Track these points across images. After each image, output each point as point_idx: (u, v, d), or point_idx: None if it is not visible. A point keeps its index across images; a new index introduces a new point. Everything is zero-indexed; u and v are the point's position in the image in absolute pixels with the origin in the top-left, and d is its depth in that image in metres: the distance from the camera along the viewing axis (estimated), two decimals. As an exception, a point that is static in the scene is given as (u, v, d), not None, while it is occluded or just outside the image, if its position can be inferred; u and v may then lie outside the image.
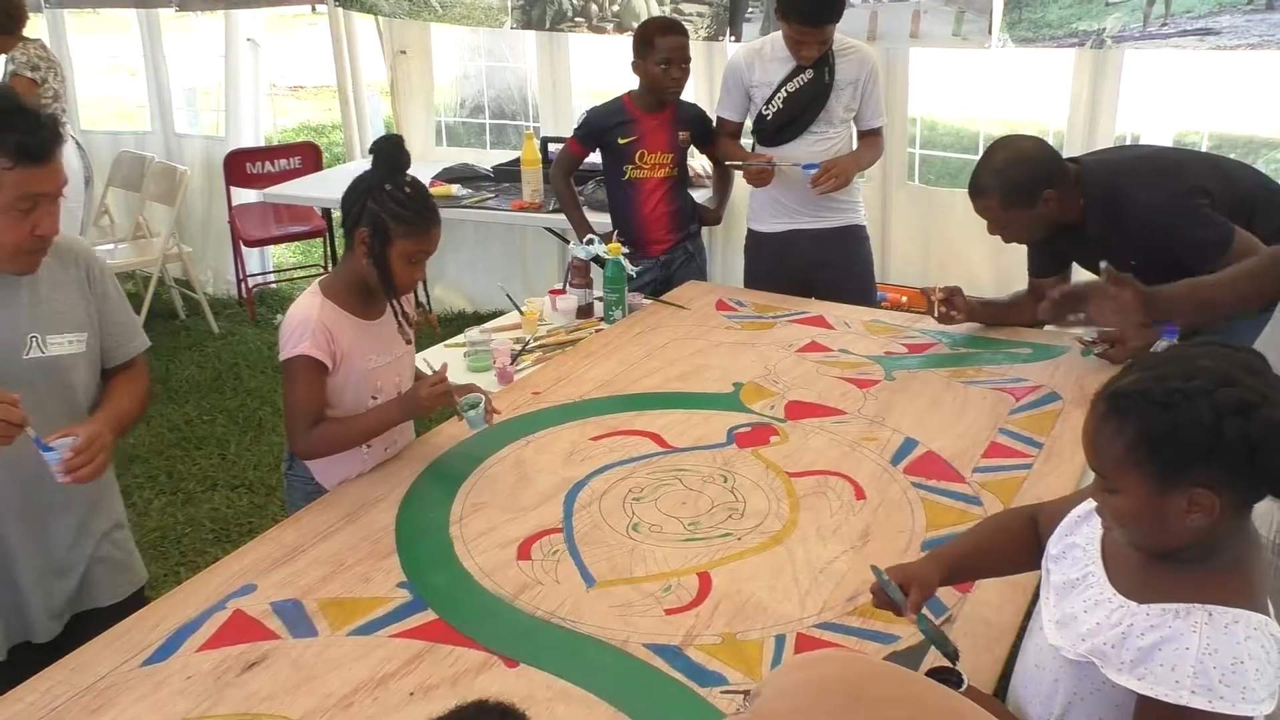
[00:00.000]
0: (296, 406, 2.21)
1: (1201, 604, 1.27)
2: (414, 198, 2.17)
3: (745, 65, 3.49)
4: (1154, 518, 1.29)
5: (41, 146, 1.79)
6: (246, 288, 5.75)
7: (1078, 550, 1.48)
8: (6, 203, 1.78)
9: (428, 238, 2.20)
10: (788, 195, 3.51)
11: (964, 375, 2.76)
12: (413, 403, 2.25)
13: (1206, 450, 1.24)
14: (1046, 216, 2.64)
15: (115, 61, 6.73)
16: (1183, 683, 1.24)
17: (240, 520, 3.74)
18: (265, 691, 1.67)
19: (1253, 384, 1.25)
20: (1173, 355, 1.34)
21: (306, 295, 2.28)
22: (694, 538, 2.07)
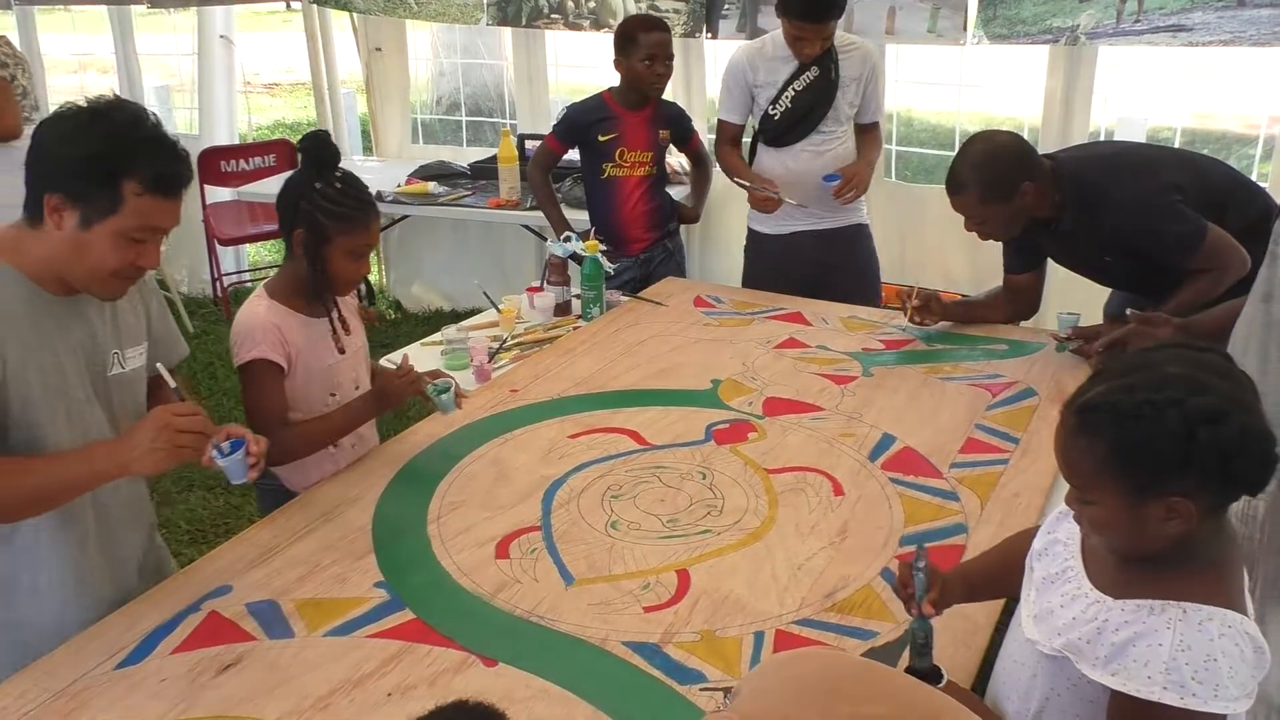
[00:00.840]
0: (261, 410, 2.17)
1: (1177, 601, 1.28)
2: (346, 193, 2.13)
3: (748, 65, 3.42)
4: (1131, 526, 1.30)
5: (176, 181, 1.71)
6: (221, 286, 5.70)
7: (1059, 546, 1.49)
8: (124, 228, 1.68)
9: (366, 231, 2.17)
10: (793, 197, 3.43)
11: (941, 371, 2.77)
12: (383, 396, 2.23)
13: (1180, 461, 1.24)
14: (1023, 210, 2.66)
15: (87, 59, 6.65)
16: (1155, 679, 1.24)
17: (216, 521, 3.71)
18: (241, 694, 1.65)
19: (1223, 389, 1.25)
20: (1140, 362, 1.33)
21: (252, 299, 2.24)
22: (673, 535, 2.07)
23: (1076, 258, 2.86)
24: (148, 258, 1.74)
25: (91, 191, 1.65)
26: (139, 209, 1.67)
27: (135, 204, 1.66)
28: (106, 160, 1.64)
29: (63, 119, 1.68)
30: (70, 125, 1.67)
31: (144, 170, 1.66)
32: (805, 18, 3.21)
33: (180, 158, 1.72)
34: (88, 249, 1.68)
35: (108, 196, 1.65)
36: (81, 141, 1.65)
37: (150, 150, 1.68)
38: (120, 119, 1.67)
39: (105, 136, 1.65)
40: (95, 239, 1.67)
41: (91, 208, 1.66)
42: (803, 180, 3.42)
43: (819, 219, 3.51)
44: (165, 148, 1.70)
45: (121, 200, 1.65)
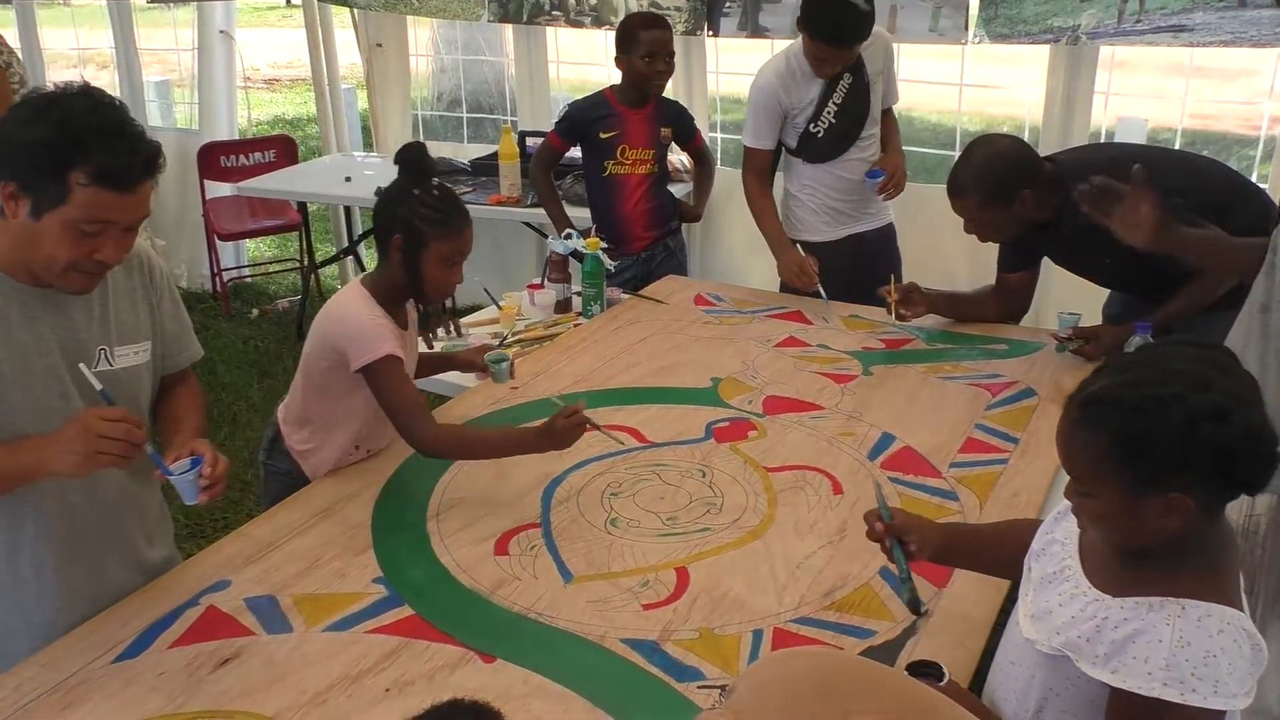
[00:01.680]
0: (408, 402, 2.16)
1: (1175, 598, 1.28)
2: (443, 201, 2.18)
3: (780, 89, 3.29)
4: (1129, 520, 1.30)
5: (125, 175, 1.63)
6: (221, 281, 5.70)
7: (1056, 545, 1.49)
8: (72, 219, 1.62)
9: (461, 238, 2.20)
10: (845, 201, 3.39)
11: (941, 371, 2.76)
12: (551, 435, 2.13)
13: (1181, 457, 1.24)
14: (1023, 216, 2.66)
15: (87, 54, 6.64)
16: (1154, 675, 1.25)
17: (215, 515, 3.70)
18: (239, 688, 1.65)
19: (1227, 387, 1.25)
20: (1145, 357, 1.33)
21: (360, 300, 2.20)
22: (672, 533, 2.07)
23: (1076, 260, 2.86)
24: (105, 251, 1.67)
25: (40, 180, 1.60)
26: (86, 201, 1.61)
27: (82, 195, 1.60)
28: (53, 149, 1.59)
29: (24, 105, 1.64)
30: (27, 111, 1.62)
31: (92, 161, 1.59)
32: (832, 42, 3.13)
33: (135, 150, 1.64)
34: (39, 240, 1.64)
35: (55, 186, 1.60)
36: (32, 128, 1.60)
37: (103, 141, 1.60)
38: (78, 107, 1.62)
39: (56, 124, 1.59)
40: (46, 230, 1.62)
41: (41, 197, 1.61)
42: (857, 188, 3.37)
43: (856, 222, 3.46)
44: (121, 139, 1.63)
45: (68, 190, 1.60)
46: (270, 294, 5.94)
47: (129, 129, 1.64)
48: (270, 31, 12.94)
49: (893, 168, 3.36)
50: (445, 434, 2.20)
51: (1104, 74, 3.98)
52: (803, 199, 3.43)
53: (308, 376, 2.25)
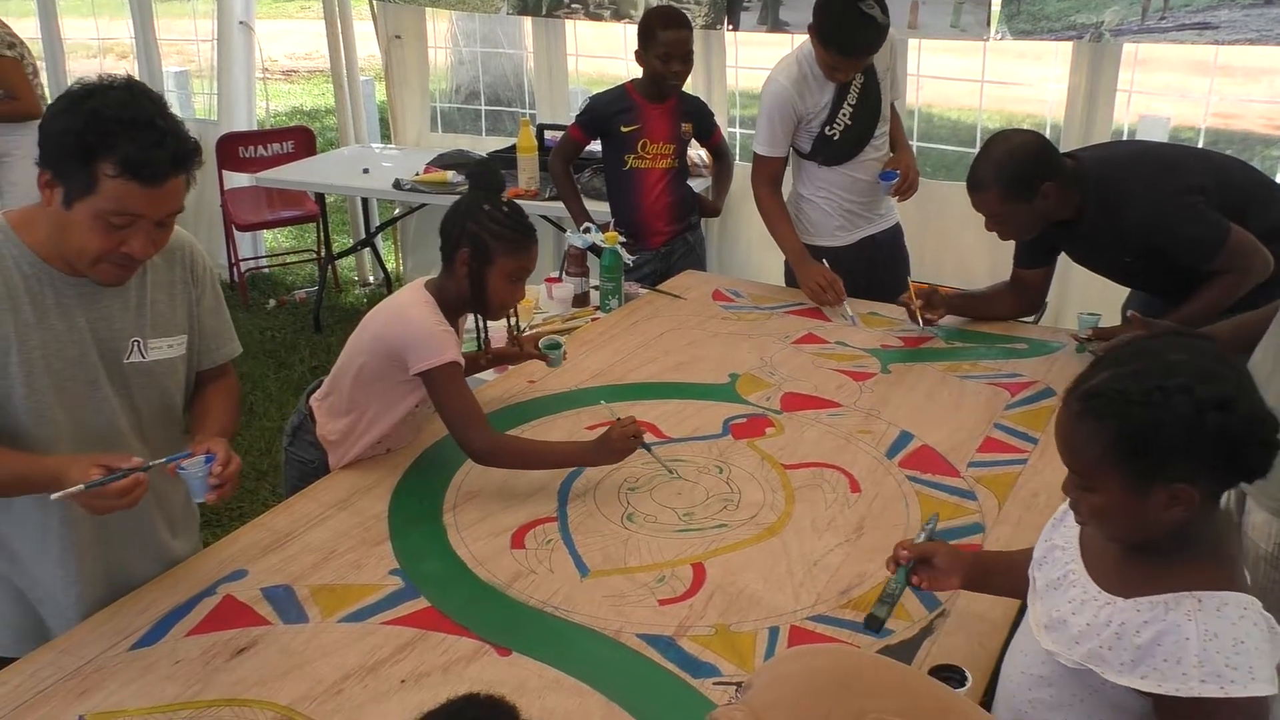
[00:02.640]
0: (468, 409, 2.17)
1: (1189, 591, 1.26)
2: (512, 217, 2.20)
3: (796, 96, 3.20)
4: (1133, 513, 1.29)
5: (151, 168, 1.62)
6: (239, 272, 5.72)
7: (1057, 551, 1.48)
8: (101, 210, 1.62)
9: (527, 255, 2.22)
10: (860, 202, 3.36)
11: (960, 370, 2.75)
12: (605, 448, 2.16)
13: (1186, 447, 1.23)
14: (1044, 210, 2.64)
15: (106, 44, 6.66)
16: (1190, 674, 1.23)
17: (231, 505, 3.71)
18: (254, 677, 1.66)
19: (1227, 375, 1.25)
20: (1141, 349, 1.31)
21: (425, 304, 2.19)
22: (689, 529, 2.07)
23: (1097, 258, 2.84)
24: (134, 245, 1.67)
25: (70, 169, 1.61)
26: (114, 192, 1.61)
27: (110, 186, 1.61)
28: (83, 138, 1.59)
29: (65, 95, 1.65)
30: (65, 101, 1.63)
31: (119, 152, 1.59)
32: (849, 55, 3.09)
33: (162, 144, 1.63)
34: (70, 229, 1.65)
35: (84, 176, 1.61)
36: (65, 117, 1.61)
37: (131, 133, 1.60)
38: (112, 98, 1.62)
39: (88, 114, 1.60)
40: (76, 219, 1.64)
41: (71, 186, 1.62)
42: (871, 188, 3.34)
43: (869, 224, 3.42)
44: (150, 131, 1.62)
45: (96, 181, 1.61)
46: (287, 285, 5.96)
47: (160, 122, 1.63)
48: (289, 23, 12.96)
49: (905, 167, 3.32)
50: (501, 443, 2.20)
51: (1126, 72, 3.95)
52: (816, 202, 3.38)
53: (357, 369, 2.25)
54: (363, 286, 5.96)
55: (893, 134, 3.41)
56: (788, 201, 3.43)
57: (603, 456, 2.18)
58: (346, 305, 5.67)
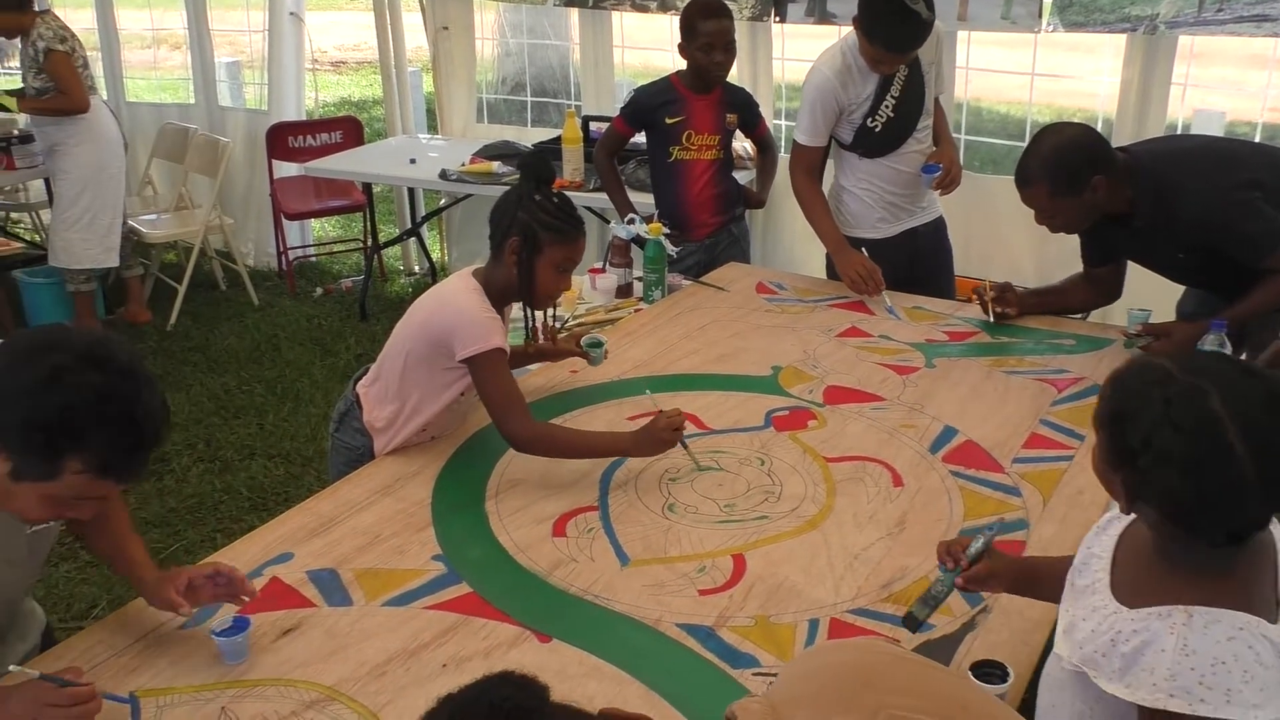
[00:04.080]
0: (510, 395, 2.19)
1: (1183, 605, 1.23)
2: (562, 208, 2.22)
3: (839, 87, 3.17)
4: (1105, 479, 1.35)
5: (128, 471, 1.46)
6: (287, 260, 5.78)
7: (1094, 560, 1.46)
8: (53, 495, 1.44)
9: (576, 246, 2.24)
10: (902, 195, 3.32)
11: (1006, 365, 2.72)
12: (648, 439, 2.17)
13: (1127, 462, 1.27)
14: (1094, 204, 2.60)
15: (161, 35, 6.76)
16: (1159, 685, 1.20)
17: (277, 489, 3.77)
18: (300, 658, 1.68)
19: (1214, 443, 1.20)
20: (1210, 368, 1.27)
21: (473, 292, 2.21)
22: (729, 520, 2.07)
23: (1150, 255, 2.79)
24: (82, 513, 1.51)
25: (30, 458, 1.40)
26: (77, 485, 1.42)
27: (74, 480, 1.41)
28: (52, 436, 1.38)
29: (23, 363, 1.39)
30: (27, 377, 1.38)
31: (94, 456, 1.40)
32: (893, 50, 3.07)
33: (143, 444, 1.44)
34: (13, 499, 1.46)
35: (46, 467, 1.40)
36: (31, 403, 1.37)
37: (108, 434, 1.40)
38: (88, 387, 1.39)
39: (58, 409, 1.37)
40: (23, 493, 1.44)
41: (26, 468, 1.41)
42: (913, 181, 3.31)
43: (911, 216, 3.38)
44: (130, 430, 1.41)
45: (59, 473, 1.41)
46: (334, 273, 6.02)
47: (140, 411, 1.42)
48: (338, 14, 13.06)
49: (948, 161, 3.29)
50: (541, 431, 2.22)
51: (1181, 65, 3.88)
52: (857, 193, 3.36)
53: (404, 356, 2.27)
54: (408, 276, 6.01)
55: (936, 128, 3.38)
56: (829, 193, 3.42)
57: (644, 448, 2.19)
58: (392, 294, 5.72)
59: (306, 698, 1.60)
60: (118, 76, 6.14)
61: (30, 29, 4.56)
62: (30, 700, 1.48)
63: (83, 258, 4.87)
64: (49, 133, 4.78)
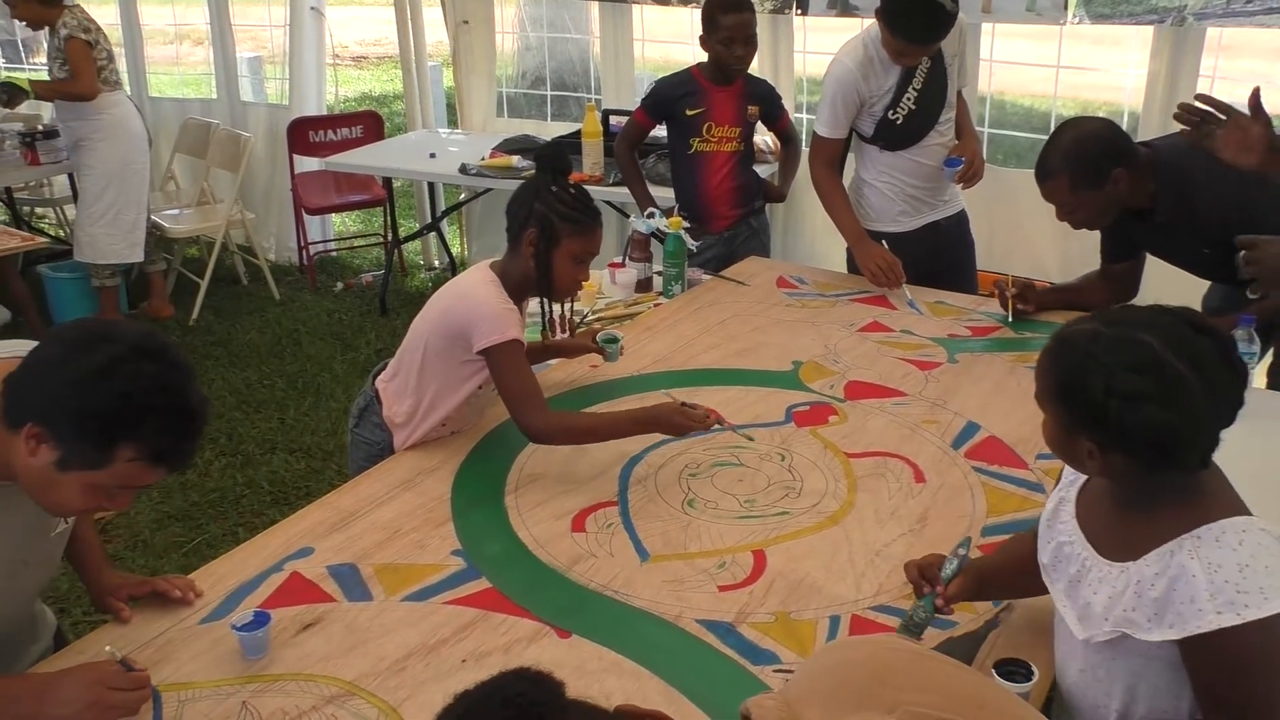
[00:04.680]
0: (527, 387, 2.18)
1: (1186, 533, 1.31)
2: (579, 199, 2.22)
3: (861, 79, 3.16)
4: (1065, 451, 1.42)
5: (179, 459, 1.48)
6: (308, 255, 5.80)
7: (1066, 547, 1.49)
8: (99, 483, 1.45)
9: (593, 237, 2.24)
10: (923, 188, 3.31)
11: (1029, 360, 2.68)
12: (662, 418, 2.16)
13: (1092, 420, 1.33)
14: (1116, 198, 2.56)
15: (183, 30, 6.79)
16: (1205, 609, 1.26)
17: (298, 484, 3.78)
18: (320, 653, 1.69)
19: (1166, 375, 1.29)
20: (1127, 315, 1.37)
21: (490, 284, 2.21)
22: (750, 515, 2.06)
23: (1173, 250, 2.76)
24: (120, 502, 1.51)
25: (81, 446, 1.41)
26: (126, 472, 1.44)
27: (124, 468, 1.43)
28: (109, 424, 1.40)
29: (79, 357, 1.40)
30: (83, 368, 1.39)
31: (148, 444, 1.42)
32: (917, 42, 3.05)
33: (195, 433, 1.46)
34: (56, 488, 1.46)
35: (96, 455, 1.42)
36: (88, 392, 1.39)
37: (164, 422, 1.42)
38: (145, 376, 1.41)
39: (117, 396, 1.39)
40: (67, 483, 1.44)
41: (73, 457, 1.42)
42: (935, 174, 3.29)
43: (932, 210, 3.36)
44: (184, 421, 1.45)
45: (110, 461, 1.42)
46: (354, 268, 6.04)
47: (192, 402, 1.45)
48: (359, 9, 13.10)
49: (970, 154, 3.27)
50: (556, 421, 2.20)
51: (1209, 57, 3.82)
52: (879, 187, 3.34)
53: (423, 349, 2.27)
54: (428, 270, 6.02)
55: (959, 121, 3.35)
56: (849, 187, 3.40)
57: (659, 426, 2.16)
58: (412, 289, 5.73)
59: (327, 692, 1.60)
60: (141, 71, 6.17)
61: (56, 21, 4.60)
62: (93, 680, 1.50)
63: (108, 253, 4.91)
64: (74, 128, 4.82)
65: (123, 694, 1.50)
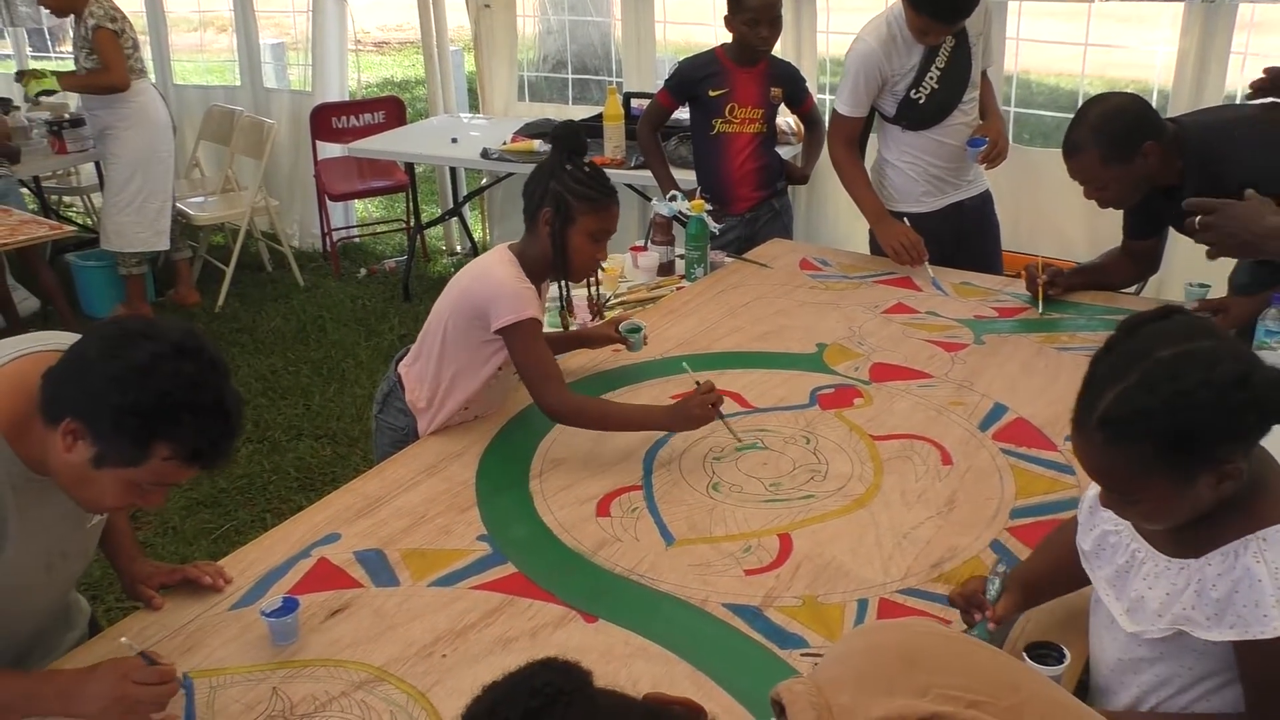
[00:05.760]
0: (543, 365, 2.19)
1: (1252, 534, 1.28)
2: (594, 177, 2.22)
3: (884, 57, 3.13)
4: (1186, 505, 1.30)
5: (214, 458, 1.48)
6: (331, 241, 5.82)
7: (1112, 536, 1.47)
8: (135, 480, 1.46)
9: (608, 215, 2.23)
10: (946, 168, 3.28)
11: (1057, 341, 2.67)
12: (683, 414, 2.16)
13: (1223, 432, 1.25)
14: (1145, 173, 2.53)
15: (207, 16, 6.81)
16: (1271, 614, 1.25)
17: (324, 469, 3.80)
18: (349, 638, 1.69)
19: (1225, 350, 1.26)
20: (1130, 353, 1.30)
21: (508, 264, 2.22)
22: (775, 499, 2.05)
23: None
24: (154, 500, 1.53)
25: (119, 443, 1.42)
26: (162, 470, 1.45)
27: (160, 466, 1.44)
28: (148, 421, 1.41)
29: (120, 354, 1.41)
30: (123, 365, 1.40)
31: (185, 443, 1.43)
32: (941, 19, 3.02)
33: (231, 433, 1.47)
34: (91, 485, 1.47)
35: (133, 452, 1.43)
36: (127, 389, 1.40)
37: (202, 422, 1.43)
38: (184, 375, 1.41)
39: (156, 394, 1.40)
40: (103, 480, 1.46)
41: (110, 453, 1.43)
42: (958, 154, 3.26)
43: (955, 190, 3.34)
44: (221, 420, 1.45)
45: (146, 458, 1.43)
46: (377, 254, 6.06)
47: (228, 402, 1.47)
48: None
49: (995, 134, 3.24)
50: (575, 403, 2.21)
51: (1241, 34, 3.77)
52: (901, 167, 3.31)
53: (443, 331, 2.27)
54: (450, 256, 6.03)
55: (983, 101, 3.32)
56: (871, 168, 3.38)
57: (679, 423, 2.17)
58: (434, 274, 5.74)
59: (356, 678, 1.61)
60: (165, 59, 6.20)
61: (83, 9, 4.62)
62: (119, 676, 1.51)
63: (134, 241, 4.94)
64: (100, 116, 4.84)
65: (148, 688, 1.50)
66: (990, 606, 1.60)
